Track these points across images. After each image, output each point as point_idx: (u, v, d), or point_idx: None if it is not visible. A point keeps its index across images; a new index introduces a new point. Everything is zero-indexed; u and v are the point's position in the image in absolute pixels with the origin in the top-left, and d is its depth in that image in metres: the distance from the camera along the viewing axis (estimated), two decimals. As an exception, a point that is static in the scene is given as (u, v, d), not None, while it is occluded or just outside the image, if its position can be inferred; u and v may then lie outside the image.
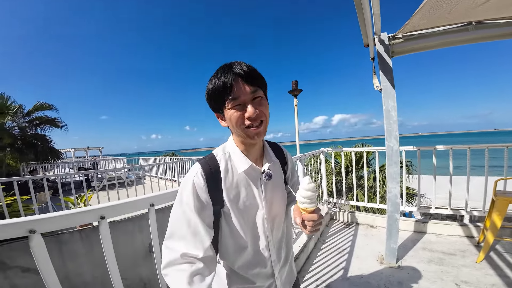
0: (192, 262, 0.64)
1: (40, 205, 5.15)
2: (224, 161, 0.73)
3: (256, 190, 0.76)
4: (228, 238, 0.75)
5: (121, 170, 7.93)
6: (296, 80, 3.61)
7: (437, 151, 2.88)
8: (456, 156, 2.85)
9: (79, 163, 11.83)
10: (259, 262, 0.78)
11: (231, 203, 0.71)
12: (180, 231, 0.66)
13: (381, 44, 2.15)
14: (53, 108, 9.08)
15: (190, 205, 0.66)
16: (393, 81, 2.15)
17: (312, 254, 2.41)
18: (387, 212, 2.26)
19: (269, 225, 0.78)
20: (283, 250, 0.86)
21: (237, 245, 0.75)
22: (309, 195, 0.64)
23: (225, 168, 0.72)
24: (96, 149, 16.41)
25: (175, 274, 0.62)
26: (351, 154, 3.55)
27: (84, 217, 0.79)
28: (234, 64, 0.66)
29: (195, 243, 0.65)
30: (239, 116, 0.66)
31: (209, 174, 0.69)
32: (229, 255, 0.77)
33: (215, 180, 0.70)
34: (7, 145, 7.68)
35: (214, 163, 0.72)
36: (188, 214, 0.66)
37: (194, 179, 0.68)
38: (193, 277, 0.61)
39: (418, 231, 2.85)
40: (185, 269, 0.61)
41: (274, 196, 0.80)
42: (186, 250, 0.64)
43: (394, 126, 2.15)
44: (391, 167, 2.19)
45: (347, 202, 3.46)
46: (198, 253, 0.64)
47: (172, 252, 0.65)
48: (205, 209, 0.67)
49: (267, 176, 0.76)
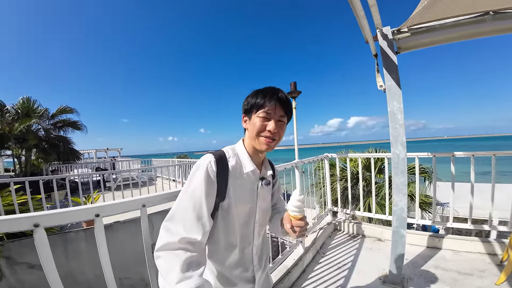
0: (187, 248, 0.66)
1: (53, 204, 5.42)
2: (234, 159, 0.81)
3: (253, 193, 0.84)
4: (221, 234, 0.79)
5: (134, 171, 8.18)
6: (295, 81, 3.45)
7: (459, 157, 2.56)
8: (481, 162, 2.51)
9: (97, 164, 12.44)
10: (242, 264, 0.85)
11: (231, 197, 0.77)
12: (184, 212, 0.70)
13: (384, 39, 1.95)
14: (75, 111, 9.67)
15: (201, 188, 0.70)
16: (398, 80, 1.93)
17: (308, 267, 2.23)
18: (392, 227, 2.02)
19: (257, 228, 0.86)
20: (264, 258, 0.94)
21: (228, 242, 0.81)
22: (299, 205, 0.77)
23: (233, 165, 0.80)
24: (116, 150, 17.23)
25: (168, 258, 0.64)
26: (358, 160, 3.28)
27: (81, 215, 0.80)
28: (280, 90, 0.83)
29: (196, 226, 0.68)
30: (262, 126, 0.79)
31: (220, 165, 0.76)
32: (220, 252, 0.81)
33: (224, 172, 0.76)
34: (33, 146, 8.26)
35: (224, 158, 0.79)
36: (196, 196, 0.70)
37: (207, 165, 0.73)
38: (187, 264, 0.62)
39: (432, 246, 2.55)
40: (179, 255, 0.63)
41: (264, 203, 0.89)
42: (185, 233, 0.67)
43: (400, 130, 1.93)
44: (397, 177, 1.96)
45: (353, 212, 3.21)
46: (197, 236, 0.68)
47: (170, 235, 0.67)
48: (211, 196, 0.73)
49: (266, 182, 0.85)
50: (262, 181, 0.85)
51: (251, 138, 0.83)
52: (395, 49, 1.97)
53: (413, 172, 4.40)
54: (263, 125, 0.79)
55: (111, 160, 14.13)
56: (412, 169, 4.94)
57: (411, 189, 5.28)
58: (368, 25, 1.72)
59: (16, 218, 0.69)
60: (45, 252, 0.74)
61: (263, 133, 0.79)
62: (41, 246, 0.73)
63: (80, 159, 10.44)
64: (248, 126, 0.84)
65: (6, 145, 7.83)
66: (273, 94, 0.80)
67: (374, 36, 2.00)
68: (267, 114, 0.79)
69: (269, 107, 0.78)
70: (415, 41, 1.99)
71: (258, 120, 0.79)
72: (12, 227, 0.69)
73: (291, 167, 2.28)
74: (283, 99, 0.81)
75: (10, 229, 0.69)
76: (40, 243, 0.73)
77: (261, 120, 0.79)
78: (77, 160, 9.73)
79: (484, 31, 1.70)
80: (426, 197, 5.67)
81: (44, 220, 0.73)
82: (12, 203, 3.26)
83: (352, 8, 1.43)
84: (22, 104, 8.18)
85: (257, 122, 0.79)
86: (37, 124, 8.54)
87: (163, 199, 1.00)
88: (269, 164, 0.95)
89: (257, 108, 0.79)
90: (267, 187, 0.87)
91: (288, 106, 0.83)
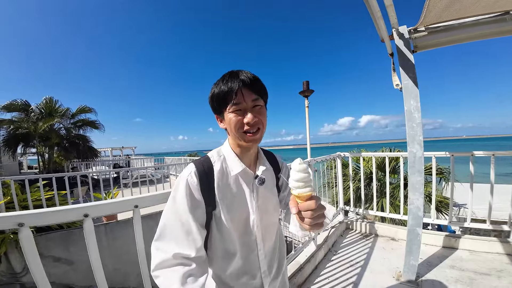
0: (184, 263, 0.63)
1: (76, 199, 5.74)
2: (219, 163, 0.74)
3: (248, 195, 0.76)
4: (218, 243, 0.74)
5: (149, 168, 8.47)
6: (307, 80, 3.43)
7: (478, 157, 2.50)
8: (502, 162, 2.44)
9: (114, 161, 12.95)
10: (247, 272, 0.77)
11: (222, 205, 0.71)
12: (172, 230, 0.66)
13: (401, 38, 1.94)
14: (93, 111, 10.10)
15: (184, 204, 0.66)
16: (415, 79, 1.93)
17: (320, 264, 2.27)
18: (408, 226, 2.03)
19: (260, 232, 0.77)
20: (276, 262, 0.84)
21: (226, 250, 0.74)
22: (302, 176, 0.56)
23: (219, 170, 0.73)
24: (130, 148, 17.82)
25: (167, 275, 0.61)
26: (372, 159, 3.26)
27: (68, 215, 0.80)
28: (240, 72, 0.69)
29: (188, 243, 0.64)
30: (238, 121, 0.69)
31: (202, 174, 0.70)
32: (218, 261, 0.76)
33: (209, 180, 0.70)
34: (55, 144, 8.73)
35: (208, 164, 0.73)
36: (181, 212, 0.66)
37: (187, 178, 0.68)
38: (186, 277, 0.60)
39: (448, 246, 2.51)
40: (178, 270, 0.61)
41: (266, 203, 0.79)
42: (178, 250, 0.63)
43: (417, 129, 1.92)
44: (414, 176, 1.96)
45: (366, 211, 3.20)
46: (190, 252, 0.63)
47: (162, 253, 0.64)
48: (198, 208, 0.67)
49: (260, 181, 0.76)
50: (255, 180, 0.76)
51: (233, 138, 0.74)
52: (411, 48, 1.96)
53: (430, 172, 4.30)
54: (239, 120, 0.68)
55: (126, 158, 14.65)
56: (429, 169, 4.83)
57: (428, 189, 5.17)
58: (384, 25, 1.74)
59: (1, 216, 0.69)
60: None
61: (243, 128, 0.69)
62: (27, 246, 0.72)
63: (98, 157, 10.91)
64: (225, 126, 0.74)
65: (31, 143, 8.33)
66: (234, 79, 0.67)
67: (390, 35, 2.00)
68: (237, 106, 0.67)
69: (236, 97, 0.66)
70: (432, 40, 1.97)
71: (231, 116, 0.69)
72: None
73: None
74: (248, 80, 0.67)
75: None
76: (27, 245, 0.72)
77: (234, 115, 0.68)
78: (95, 158, 10.18)
79: (505, 30, 1.67)
80: (443, 198, 5.51)
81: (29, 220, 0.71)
82: (40, 198, 3.51)
83: (369, 9, 1.46)
84: (45, 104, 8.66)
85: (232, 119, 0.69)
86: (59, 123, 9.01)
87: (156, 200, 0.97)
88: (265, 158, 0.84)
89: (224, 103, 0.69)
90: (265, 185, 0.78)
91: (258, 85, 0.70)
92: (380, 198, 5.29)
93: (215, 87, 0.70)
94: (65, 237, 3.51)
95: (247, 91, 0.68)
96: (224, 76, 0.70)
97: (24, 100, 8.23)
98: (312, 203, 0.56)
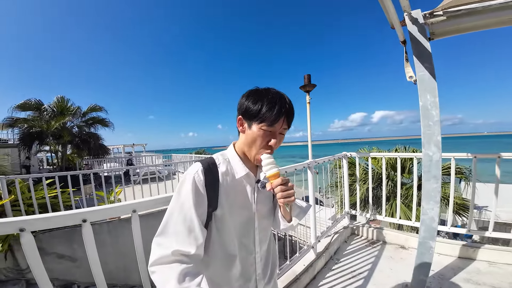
0: (182, 260, 0.64)
1: (86, 196, 5.86)
2: (224, 165, 0.76)
3: (249, 198, 0.79)
4: (217, 244, 0.75)
5: (155, 166, 8.55)
6: (309, 74, 3.17)
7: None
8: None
9: (126, 157, 13.25)
10: (244, 274, 0.80)
11: (224, 206, 0.73)
12: (175, 226, 0.67)
13: (414, 24, 1.69)
14: (103, 109, 10.33)
15: (189, 200, 0.67)
16: (433, 70, 1.66)
17: (319, 274, 2.10)
18: (419, 238, 1.80)
19: (258, 235, 0.81)
20: (269, 266, 0.89)
21: (225, 252, 0.76)
22: (269, 161, 0.72)
23: (224, 172, 0.75)
24: (141, 145, 18.21)
25: (163, 271, 0.62)
26: (382, 160, 2.99)
27: (67, 220, 0.83)
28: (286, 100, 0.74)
29: (189, 239, 0.66)
30: (264, 140, 0.73)
31: (208, 173, 0.72)
32: (216, 263, 0.77)
33: (214, 180, 0.72)
34: (67, 142, 9.01)
35: (213, 165, 0.75)
36: (185, 209, 0.67)
37: (194, 175, 0.70)
38: (183, 275, 0.60)
39: (465, 257, 2.27)
40: (175, 267, 0.61)
41: (264, 207, 0.84)
42: (178, 246, 0.64)
43: (434, 128, 1.65)
44: (429, 183, 1.71)
45: (374, 216, 2.97)
46: (191, 249, 0.65)
47: (162, 249, 0.65)
48: (201, 206, 0.69)
49: (262, 185, 0.78)
50: (257, 184, 0.79)
51: (247, 146, 0.77)
52: (427, 35, 1.71)
53: (447, 172, 3.95)
54: (265, 140, 0.73)
55: (137, 155, 14.97)
56: (446, 169, 4.45)
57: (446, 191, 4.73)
58: (393, 8, 1.50)
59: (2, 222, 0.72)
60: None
61: (264, 148, 0.74)
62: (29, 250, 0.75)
63: (109, 154, 11.18)
64: (244, 130, 0.77)
65: (45, 141, 8.64)
66: (281, 107, 0.72)
67: (401, 21, 1.75)
68: (271, 128, 0.72)
69: (275, 123, 0.72)
70: (452, 26, 1.70)
71: (260, 133, 0.73)
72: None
73: (302, 168, 2.13)
74: (291, 112, 0.75)
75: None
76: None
77: (263, 134, 0.73)
78: (106, 155, 10.43)
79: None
80: (462, 199, 5.09)
81: (29, 225, 0.75)
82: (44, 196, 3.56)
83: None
84: (57, 102, 8.93)
85: (260, 136, 0.73)
86: (71, 122, 9.28)
87: (154, 204, 0.99)
88: None
89: (260, 120, 0.72)
90: (265, 189, 0.80)
91: (293, 116, 0.77)
92: (391, 201, 4.97)
93: (259, 100, 0.72)
94: (69, 235, 3.56)
95: (284, 121, 0.74)
96: (273, 99, 0.72)
97: (37, 99, 8.53)
98: (279, 180, 0.71)
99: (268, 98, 0.72)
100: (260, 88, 0.78)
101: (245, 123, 0.76)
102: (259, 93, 0.74)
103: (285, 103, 0.73)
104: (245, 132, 0.77)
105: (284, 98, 0.74)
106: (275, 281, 0.95)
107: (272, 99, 0.72)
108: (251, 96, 0.75)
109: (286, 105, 0.73)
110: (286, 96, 0.76)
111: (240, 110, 0.77)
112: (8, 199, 3.23)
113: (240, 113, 0.77)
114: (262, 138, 0.73)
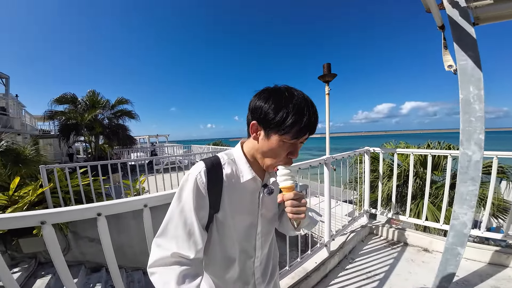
0: (181, 262, 0.64)
1: (114, 184, 6.36)
2: (229, 167, 0.72)
3: (253, 202, 0.75)
4: (217, 247, 0.74)
5: (175, 157, 8.94)
6: (329, 63, 2.92)
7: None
8: None
9: (151, 148, 14.03)
10: (242, 278, 0.78)
11: (227, 209, 0.70)
12: (175, 229, 0.65)
13: (454, 7, 1.46)
14: (129, 102, 10.92)
15: (190, 203, 0.65)
16: (478, 59, 1.43)
17: (331, 273, 2.05)
18: (446, 243, 1.65)
19: (260, 240, 0.78)
20: (269, 270, 0.86)
21: (225, 255, 0.75)
22: (286, 172, 0.67)
23: (229, 173, 0.71)
24: (164, 136, 19.11)
25: (163, 273, 0.62)
26: (410, 156, 2.74)
27: (83, 213, 0.89)
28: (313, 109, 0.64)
29: (188, 244, 0.64)
30: (284, 152, 0.67)
31: (212, 174, 0.68)
32: (215, 266, 0.76)
33: (217, 182, 0.69)
34: (99, 133, 9.74)
35: (218, 166, 0.71)
36: (186, 212, 0.65)
37: (196, 177, 0.66)
38: (183, 277, 0.60)
39: (496, 263, 2.07)
40: (174, 269, 0.61)
41: (269, 212, 0.80)
42: (178, 250, 0.63)
43: (477, 125, 1.45)
44: (464, 185, 1.53)
45: (396, 216, 2.79)
46: (190, 254, 0.64)
47: (162, 250, 0.65)
48: (202, 209, 0.67)
49: (269, 191, 0.74)
50: (264, 189, 0.74)
51: (260, 154, 0.70)
52: (471, 20, 1.48)
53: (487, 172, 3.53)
54: (284, 151, 0.66)
55: (160, 146, 15.76)
56: (486, 168, 3.98)
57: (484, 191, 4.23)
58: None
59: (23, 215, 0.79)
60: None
61: (282, 161, 0.68)
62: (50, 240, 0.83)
63: (135, 144, 11.91)
64: (258, 137, 0.68)
65: (80, 132, 9.43)
66: (310, 118, 0.62)
67: (439, 4, 1.54)
68: (293, 140, 0.64)
69: (299, 136, 0.63)
70: (501, 10, 1.46)
71: (280, 144, 0.64)
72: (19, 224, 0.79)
73: (318, 165, 2.05)
74: (317, 120, 0.65)
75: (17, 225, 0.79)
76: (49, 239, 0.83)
77: (284, 146, 0.65)
78: (133, 145, 11.13)
79: None
80: (501, 201, 4.55)
81: (50, 218, 0.81)
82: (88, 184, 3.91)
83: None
84: (89, 96, 9.62)
85: (278, 146, 0.65)
86: (101, 114, 9.98)
87: (164, 199, 1.01)
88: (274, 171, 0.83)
89: (284, 132, 0.62)
90: (271, 196, 0.77)
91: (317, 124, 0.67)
92: (418, 200, 4.63)
93: (283, 110, 0.61)
94: (98, 220, 3.91)
95: (307, 134, 0.66)
96: (299, 106, 0.62)
97: (72, 93, 9.29)
98: (292, 194, 0.66)
99: (293, 104, 0.61)
100: (281, 87, 0.66)
101: (261, 130, 0.66)
102: (281, 96, 0.63)
103: (313, 112, 0.64)
104: (259, 140, 0.68)
105: (311, 105, 0.64)
106: (276, 283, 0.93)
107: (299, 107, 0.61)
108: (271, 100, 0.63)
109: (315, 114, 0.64)
110: (311, 100, 0.66)
111: (255, 114, 0.66)
112: (47, 187, 3.60)
113: (256, 118, 0.66)
114: (282, 150, 0.65)
